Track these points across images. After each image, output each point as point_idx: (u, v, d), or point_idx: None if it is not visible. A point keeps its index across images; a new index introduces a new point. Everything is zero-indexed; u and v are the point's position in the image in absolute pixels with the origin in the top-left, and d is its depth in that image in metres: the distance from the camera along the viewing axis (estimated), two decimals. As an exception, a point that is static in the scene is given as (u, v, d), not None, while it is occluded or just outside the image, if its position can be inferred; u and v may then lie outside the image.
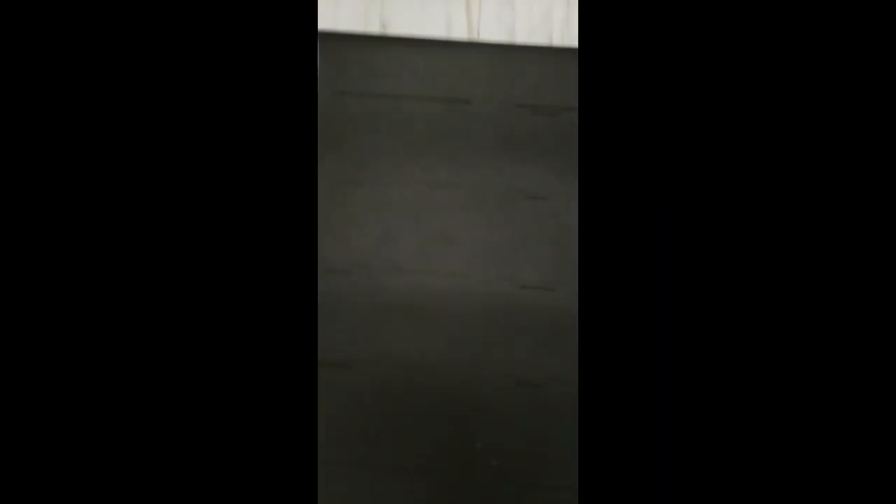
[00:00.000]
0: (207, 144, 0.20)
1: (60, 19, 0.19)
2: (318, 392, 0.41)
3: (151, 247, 0.20)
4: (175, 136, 0.20)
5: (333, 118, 0.44)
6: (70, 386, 0.19)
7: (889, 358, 0.19)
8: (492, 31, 0.45)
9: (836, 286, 0.19)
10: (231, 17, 0.20)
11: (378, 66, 0.44)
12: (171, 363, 0.20)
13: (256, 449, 0.21)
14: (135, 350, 0.20)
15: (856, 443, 0.19)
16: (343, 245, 0.42)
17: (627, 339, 0.21)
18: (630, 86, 0.20)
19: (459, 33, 0.45)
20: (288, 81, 0.21)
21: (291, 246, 0.21)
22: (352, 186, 0.43)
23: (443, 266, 0.42)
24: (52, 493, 0.19)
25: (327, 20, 0.45)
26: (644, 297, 0.21)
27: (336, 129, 0.44)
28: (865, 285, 0.20)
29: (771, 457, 0.20)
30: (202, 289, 0.20)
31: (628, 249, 0.21)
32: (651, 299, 0.20)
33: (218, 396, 0.20)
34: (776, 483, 0.20)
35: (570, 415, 0.41)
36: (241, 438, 0.20)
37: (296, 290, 0.21)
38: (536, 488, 0.39)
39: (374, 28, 0.45)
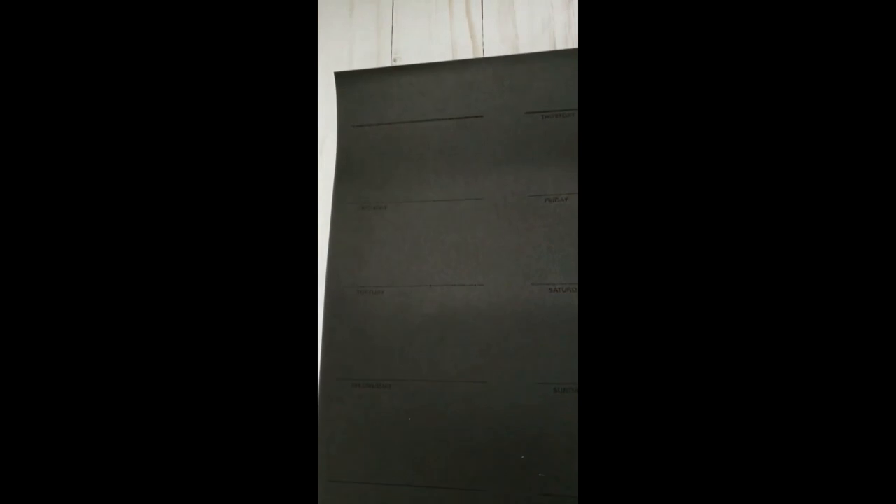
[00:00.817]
0: (207, 155, 0.21)
1: (59, 17, 0.20)
2: (359, 413, 0.41)
3: (153, 257, 0.21)
4: (178, 159, 0.21)
5: (355, 150, 0.47)
6: (67, 388, 0.20)
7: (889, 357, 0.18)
8: (496, 47, 0.46)
9: (835, 287, 0.19)
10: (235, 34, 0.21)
11: (392, 95, 0.47)
12: (168, 372, 0.20)
13: (256, 461, 0.20)
14: (139, 353, 0.20)
15: (856, 443, 0.18)
16: (374, 267, 0.44)
17: (628, 339, 0.20)
18: (630, 86, 0.21)
19: (465, 54, 0.47)
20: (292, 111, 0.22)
21: (293, 260, 0.21)
22: (376, 210, 0.45)
23: (470, 277, 0.42)
24: (49, 491, 0.19)
25: (343, 62, 0.49)
26: (646, 296, 0.20)
27: (358, 159, 0.46)
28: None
29: (772, 455, 0.19)
30: (202, 303, 0.21)
31: (629, 249, 0.20)
32: (652, 298, 0.20)
33: (217, 407, 0.20)
34: (777, 481, 0.18)
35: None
36: (240, 451, 0.20)
37: (297, 303, 0.21)
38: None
39: (385, 62, 0.49)
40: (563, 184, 0.42)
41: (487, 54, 0.47)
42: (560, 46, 0.46)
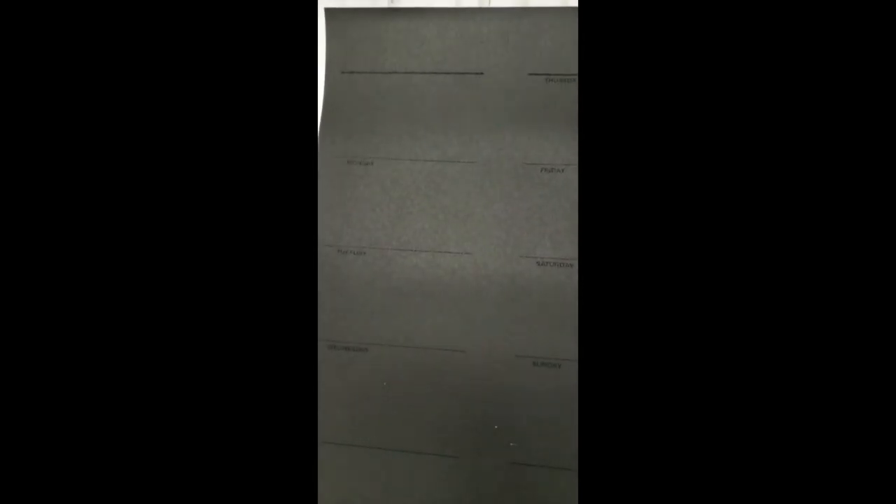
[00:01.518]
0: (206, 129, 0.21)
1: (58, 14, 0.20)
2: (336, 376, 0.40)
3: (149, 234, 0.20)
4: (171, 122, 0.20)
5: (343, 98, 0.43)
6: (66, 381, 0.20)
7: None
8: (504, -2, 0.43)
9: (835, 288, 0.19)
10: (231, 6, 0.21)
11: (387, 41, 0.43)
12: (168, 351, 0.20)
13: (255, 436, 0.20)
14: (136, 338, 0.20)
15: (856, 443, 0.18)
16: (356, 226, 0.42)
17: (630, 321, 0.20)
18: (634, 53, 0.20)
19: (471, 1, 0.43)
20: (288, 62, 0.21)
21: (291, 228, 0.21)
22: (363, 166, 0.42)
23: (458, 244, 0.40)
24: (47, 487, 0.19)
25: (336, -2, 0.45)
26: (647, 278, 0.20)
27: (346, 109, 0.43)
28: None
29: (773, 454, 0.19)
30: (200, 277, 0.20)
31: (632, 226, 0.20)
32: (654, 281, 0.20)
33: (216, 384, 0.20)
34: (778, 478, 0.19)
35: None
36: (239, 426, 0.20)
37: (295, 272, 0.21)
38: (553, 469, 0.37)
39: (382, 2, 0.44)
40: (562, 153, 0.40)
41: (494, 4, 0.43)
42: (573, 3, 0.42)
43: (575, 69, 0.41)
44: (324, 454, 0.40)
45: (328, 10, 0.44)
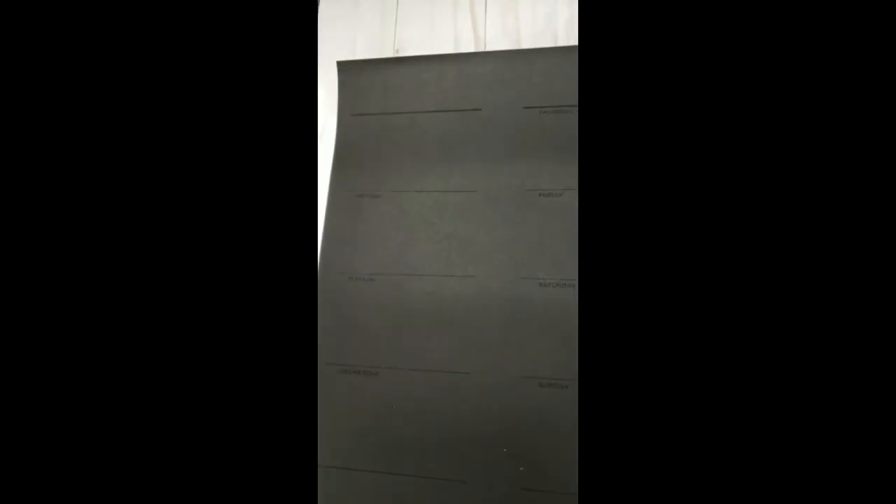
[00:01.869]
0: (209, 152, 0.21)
1: (58, 15, 0.20)
2: (347, 400, 0.41)
3: (152, 251, 0.20)
4: (177, 148, 0.21)
5: (354, 139, 0.47)
6: (67, 385, 0.20)
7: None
8: (498, 41, 0.47)
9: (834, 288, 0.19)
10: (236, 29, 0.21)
11: (393, 86, 0.47)
12: (169, 365, 0.20)
13: (256, 453, 0.20)
14: (138, 350, 0.20)
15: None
16: (366, 254, 0.44)
17: (628, 337, 0.20)
18: (630, 83, 0.21)
19: (468, 47, 0.47)
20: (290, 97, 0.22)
21: (292, 250, 0.21)
22: (372, 199, 0.45)
23: (462, 268, 0.42)
24: (46, 489, 0.19)
25: (346, 52, 0.50)
26: (646, 294, 0.20)
27: (357, 148, 0.47)
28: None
29: (775, 453, 0.18)
30: (203, 291, 0.21)
31: (630, 246, 0.20)
32: (653, 296, 0.20)
33: (216, 399, 0.20)
34: (779, 478, 0.18)
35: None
36: (240, 442, 0.20)
37: (296, 293, 0.21)
38: (564, 496, 0.36)
39: (388, 53, 0.49)
40: (558, 179, 0.42)
41: (489, 48, 0.47)
42: (562, 42, 0.46)
43: (566, 101, 0.44)
44: (333, 478, 0.40)
45: (340, 63, 0.49)
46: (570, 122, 0.43)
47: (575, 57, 0.44)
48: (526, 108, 0.44)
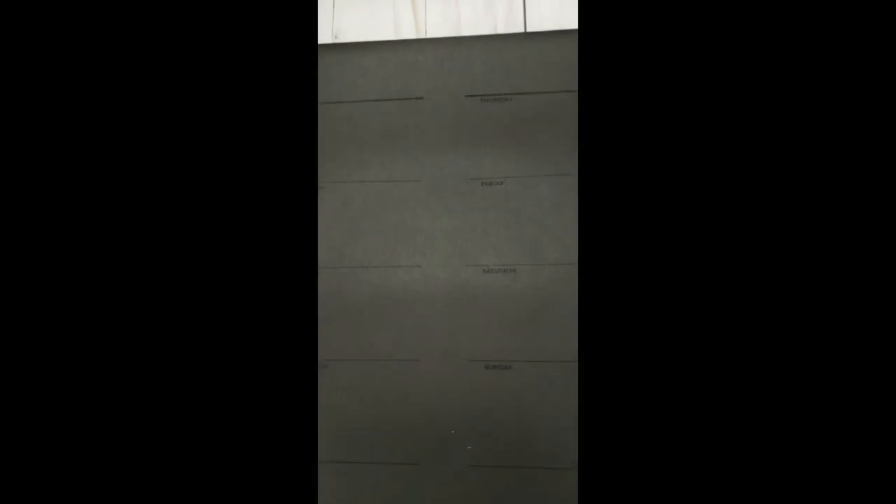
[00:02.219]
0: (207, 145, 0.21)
1: (58, 16, 0.20)
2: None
3: (150, 244, 0.20)
4: (172, 139, 0.20)
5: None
6: (67, 385, 0.20)
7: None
8: (438, 28, 0.46)
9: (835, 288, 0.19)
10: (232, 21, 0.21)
11: (332, 74, 0.46)
12: (167, 361, 0.20)
13: (255, 448, 0.20)
14: (135, 347, 0.20)
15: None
16: (312, 247, 0.43)
17: (628, 322, 0.20)
18: (631, 69, 0.20)
19: (408, 33, 0.47)
20: (287, 88, 0.22)
21: (291, 246, 0.21)
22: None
23: (408, 258, 0.42)
24: (46, 487, 0.19)
25: (282, 37, 0.48)
26: (646, 280, 0.20)
27: (298, 137, 0.46)
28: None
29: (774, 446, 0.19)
30: (200, 287, 0.21)
31: (630, 229, 0.20)
32: (652, 283, 0.20)
33: (215, 395, 0.20)
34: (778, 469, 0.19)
35: (539, 394, 0.40)
36: (237, 438, 0.20)
37: (295, 289, 0.21)
38: (511, 469, 0.38)
39: (327, 39, 0.48)
40: (500, 168, 0.43)
41: (430, 35, 0.47)
42: (501, 30, 0.46)
43: (506, 89, 0.44)
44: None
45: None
46: (511, 111, 0.44)
47: (513, 44, 0.45)
48: (467, 96, 0.44)
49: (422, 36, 0.47)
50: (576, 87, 0.44)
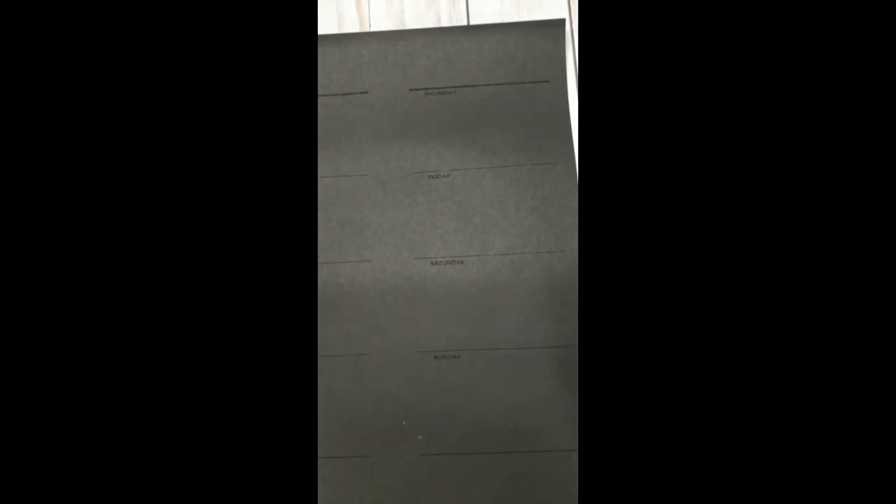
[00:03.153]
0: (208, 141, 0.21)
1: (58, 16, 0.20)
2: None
3: (150, 238, 0.20)
4: (170, 133, 0.20)
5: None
6: (65, 390, 0.20)
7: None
8: (382, 21, 0.46)
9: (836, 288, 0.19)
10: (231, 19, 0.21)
11: (275, 68, 0.45)
12: (166, 356, 0.20)
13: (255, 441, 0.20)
14: (134, 342, 0.20)
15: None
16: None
17: (628, 305, 0.20)
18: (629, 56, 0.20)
19: (352, 27, 0.46)
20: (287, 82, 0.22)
21: (291, 241, 0.21)
22: (262, 187, 0.44)
23: (356, 253, 0.43)
24: (46, 491, 0.19)
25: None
26: (645, 268, 0.20)
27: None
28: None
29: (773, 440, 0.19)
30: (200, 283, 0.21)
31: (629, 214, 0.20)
32: (652, 270, 0.20)
33: (215, 389, 0.20)
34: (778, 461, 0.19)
35: (486, 383, 0.40)
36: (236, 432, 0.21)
37: (295, 284, 0.21)
38: (462, 455, 0.39)
39: (268, 33, 0.47)
40: (445, 160, 0.44)
41: (374, 28, 0.47)
42: (444, 23, 0.46)
43: (449, 82, 0.45)
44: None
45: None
46: (454, 104, 0.44)
47: (457, 37, 0.45)
48: (412, 90, 0.45)
49: (365, 29, 0.47)
50: (518, 79, 0.44)
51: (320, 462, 0.40)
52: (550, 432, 0.39)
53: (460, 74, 0.44)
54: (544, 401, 0.40)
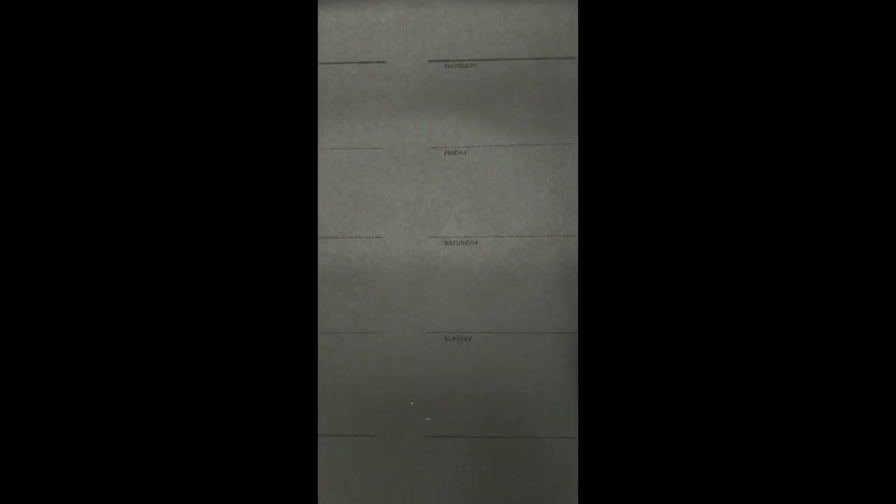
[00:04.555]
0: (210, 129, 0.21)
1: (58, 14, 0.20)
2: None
3: (149, 229, 0.20)
4: (167, 117, 0.20)
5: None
6: (69, 379, 0.20)
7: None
8: (401, -12, 0.44)
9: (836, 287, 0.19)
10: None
11: (288, 33, 0.43)
12: (167, 343, 0.20)
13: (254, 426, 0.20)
14: (135, 329, 0.20)
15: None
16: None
17: (629, 291, 0.20)
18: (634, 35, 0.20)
19: (369, -7, 0.44)
20: (287, 54, 0.21)
21: (290, 219, 0.21)
22: (272, 157, 0.43)
23: (367, 228, 0.41)
24: (47, 484, 0.19)
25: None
26: (645, 251, 0.20)
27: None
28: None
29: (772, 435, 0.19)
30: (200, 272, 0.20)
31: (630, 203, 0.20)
32: (652, 253, 0.20)
33: (215, 375, 0.20)
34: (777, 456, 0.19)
35: (498, 365, 0.40)
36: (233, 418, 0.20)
37: (294, 263, 0.21)
38: (469, 439, 0.38)
39: (281, -5, 0.45)
40: (463, 136, 0.42)
41: (391, -6, 0.44)
42: (466, -8, 0.44)
43: (470, 55, 0.43)
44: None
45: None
46: (475, 78, 0.42)
47: (480, 7, 0.43)
48: (431, 61, 0.43)
49: (384, -5, 0.45)
50: (542, 54, 0.43)
51: (325, 439, 0.40)
52: (559, 419, 0.38)
53: (482, 47, 0.42)
54: (555, 387, 0.39)
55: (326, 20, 0.43)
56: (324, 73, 0.43)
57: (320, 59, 0.44)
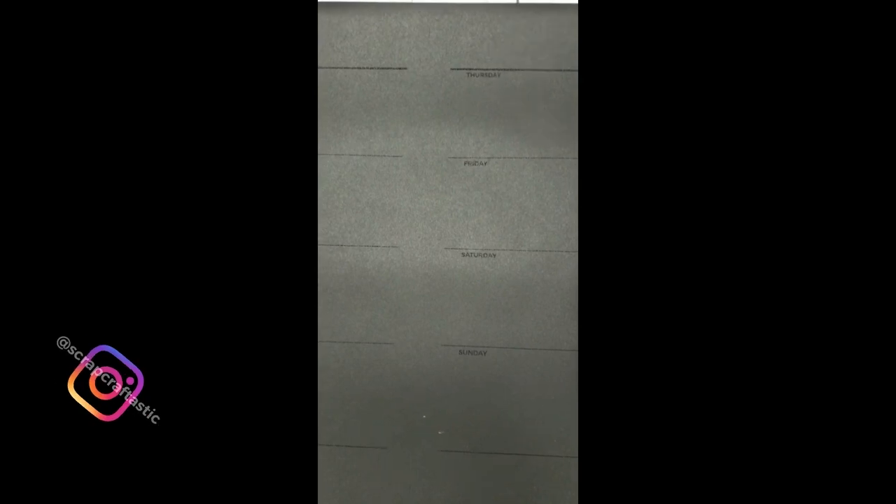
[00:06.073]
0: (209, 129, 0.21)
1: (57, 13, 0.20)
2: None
3: (149, 229, 0.20)
4: (167, 117, 0.20)
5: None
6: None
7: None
8: (425, -7, 0.43)
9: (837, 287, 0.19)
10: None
11: (309, 35, 0.43)
12: (167, 347, 0.20)
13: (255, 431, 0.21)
14: (136, 329, 0.20)
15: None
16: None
17: (630, 306, 0.20)
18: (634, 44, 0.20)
19: (392, -3, 0.43)
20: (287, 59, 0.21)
21: (290, 226, 0.21)
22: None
23: (384, 238, 0.41)
24: (47, 484, 0.19)
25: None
26: (647, 263, 0.20)
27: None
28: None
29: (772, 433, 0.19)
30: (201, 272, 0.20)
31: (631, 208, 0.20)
32: (653, 266, 0.20)
33: (216, 378, 0.20)
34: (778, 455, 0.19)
35: (513, 382, 0.39)
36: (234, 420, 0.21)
37: (294, 271, 0.21)
38: (481, 455, 0.38)
39: (303, -3, 0.44)
40: (484, 147, 0.41)
41: (416, 0, 0.44)
42: (493, 0, 0.43)
43: (494, 64, 0.42)
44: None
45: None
46: (498, 88, 0.42)
47: (505, 16, 0.42)
48: (454, 69, 0.42)
49: (408, 0, 0.44)
50: (568, 66, 0.42)
51: (334, 450, 0.39)
52: (574, 438, 0.38)
53: (506, 56, 0.42)
54: (569, 405, 0.38)
55: (349, 24, 0.43)
56: (344, 78, 0.43)
57: (341, 63, 0.43)
